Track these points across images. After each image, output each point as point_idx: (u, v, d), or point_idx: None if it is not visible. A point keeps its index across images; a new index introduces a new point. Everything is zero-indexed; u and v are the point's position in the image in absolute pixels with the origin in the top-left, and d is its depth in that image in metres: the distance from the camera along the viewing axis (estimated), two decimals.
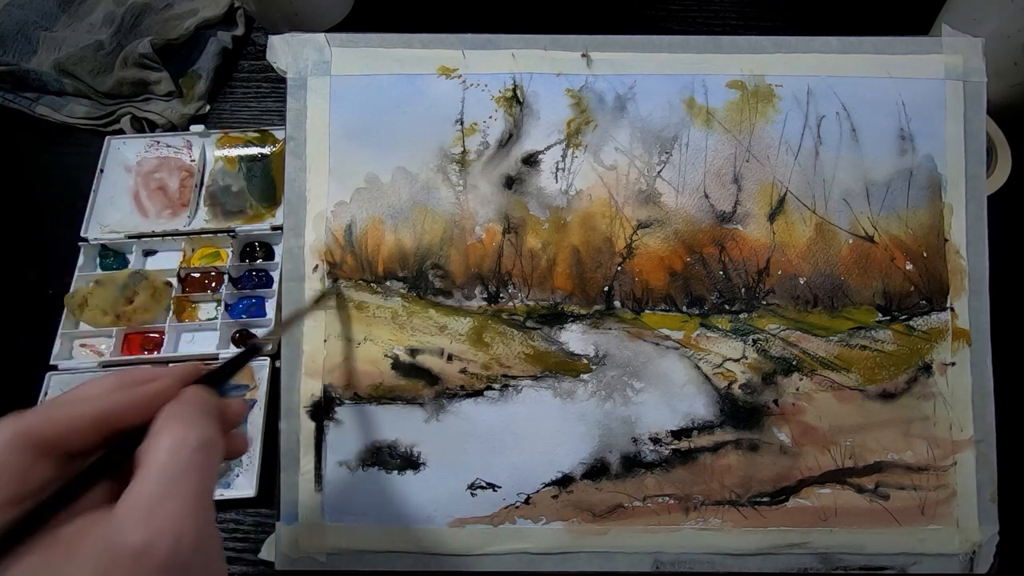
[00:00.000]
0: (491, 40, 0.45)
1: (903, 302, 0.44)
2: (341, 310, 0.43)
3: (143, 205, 0.57)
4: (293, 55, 0.45)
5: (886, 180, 0.44)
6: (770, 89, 0.45)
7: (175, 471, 0.23)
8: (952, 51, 0.44)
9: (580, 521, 0.43)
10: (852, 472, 0.43)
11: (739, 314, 0.44)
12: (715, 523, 0.43)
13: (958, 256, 0.44)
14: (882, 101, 0.44)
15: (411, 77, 0.45)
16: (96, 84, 0.61)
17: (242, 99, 0.64)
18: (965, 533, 0.43)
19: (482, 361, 0.43)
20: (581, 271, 0.44)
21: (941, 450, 0.43)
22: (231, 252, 0.54)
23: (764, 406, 0.43)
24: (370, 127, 0.44)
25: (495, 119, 0.45)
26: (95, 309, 0.51)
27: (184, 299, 0.53)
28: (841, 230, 0.44)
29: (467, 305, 0.44)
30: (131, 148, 0.59)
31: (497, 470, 0.43)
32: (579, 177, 0.44)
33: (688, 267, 0.44)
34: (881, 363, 0.43)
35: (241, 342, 0.52)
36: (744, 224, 0.44)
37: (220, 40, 0.65)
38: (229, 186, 0.57)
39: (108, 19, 0.65)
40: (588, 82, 0.45)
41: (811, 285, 0.44)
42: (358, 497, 0.43)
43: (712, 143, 0.44)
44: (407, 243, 0.44)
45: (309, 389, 0.43)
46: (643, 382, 0.43)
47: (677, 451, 0.43)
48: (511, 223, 0.44)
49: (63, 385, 0.49)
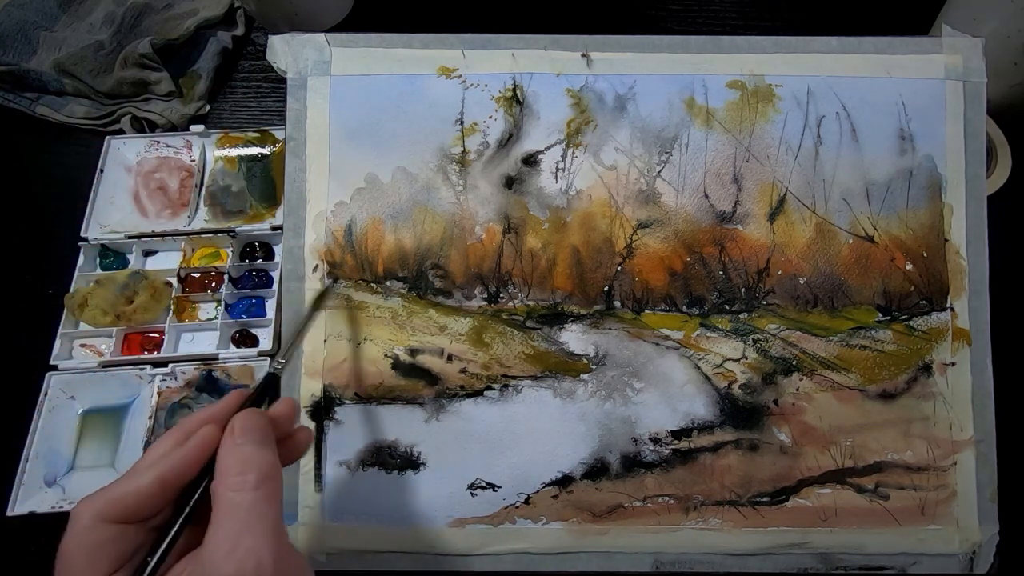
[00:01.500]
0: (491, 40, 0.45)
1: (903, 302, 0.44)
2: (340, 309, 0.43)
3: (143, 205, 0.57)
4: (293, 55, 0.45)
5: (886, 180, 0.44)
6: (770, 89, 0.45)
7: (244, 511, 0.26)
8: (952, 51, 0.44)
9: (580, 521, 0.43)
10: (852, 472, 0.43)
11: (739, 314, 0.44)
12: (715, 523, 0.43)
13: (958, 256, 0.44)
14: (882, 101, 0.44)
15: (411, 77, 0.45)
16: (96, 84, 0.61)
17: (242, 99, 0.64)
18: (965, 533, 0.43)
19: (482, 361, 0.43)
20: (581, 271, 0.44)
21: (941, 450, 0.43)
22: (231, 252, 0.54)
23: (764, 406, 0.43)
24: (370, 127, 0.44)
25: (495, 119, 0.45)
26: (95, 309, 0.51)
27: (184, 299, 0.53)
28: (841, 230, 0.44)
29: (467, 305, 0.44)
30: (131, 148, 0.59)
31: (497, 470, 0.43)
32: (579, 177, 0.44)
33: (688, 267, 0.44)
34: (881, 363, 0.43)
35: (241, 342, 0.52)
36: (744, 224, 0.44)
37: (220, 40, 0.65)
38: (229, 186, 0.57)
39: (108, 19, 0.65)
40: (588, 82, 0.45)
41: (811, 285, 0.44)
42: (358, 497, 0.43)
43: (712, 143, 0.44)
44: (407, 243, 0.44)
45: (309, 389, 0.43)
46: (643, 382, 0.43)
47: (677, 451, 0.43)
48: (511, 223, 0.44)
49: (63, 385, 0.49)
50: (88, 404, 0.50)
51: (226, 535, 0.25)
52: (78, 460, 0.48)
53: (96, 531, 0.26)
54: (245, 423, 0.29)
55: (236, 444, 0.28)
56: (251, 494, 0.26)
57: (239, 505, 0.26)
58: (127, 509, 0.27)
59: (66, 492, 0.47)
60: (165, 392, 0.50)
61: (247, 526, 0.26)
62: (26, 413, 0.48)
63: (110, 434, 0.49)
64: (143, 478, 0.27)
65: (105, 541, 0.26)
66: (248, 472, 0.27)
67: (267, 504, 0.27)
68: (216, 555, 0.25)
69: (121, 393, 0.50)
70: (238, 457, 0.27)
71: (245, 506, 0.26)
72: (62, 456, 0.48)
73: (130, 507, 0.27)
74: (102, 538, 0.26)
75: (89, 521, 0.26)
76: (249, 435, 0.28)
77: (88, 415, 0.50)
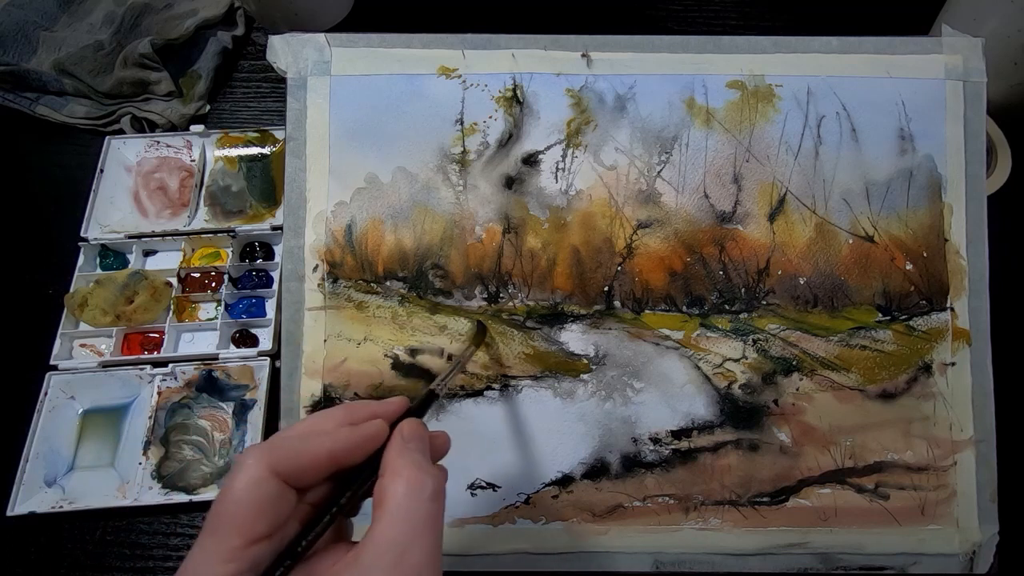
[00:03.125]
0: (491, 40, 0.45)
1: (903, 302, 0.44)
2: (341, 309, 0.43)
3: (143, 205, 0.57)
4: (293, 55, 0.45)
5: (886, 180, 0.44)
6: (770, 89, 0.45)
7: (417, 520, 0.25)
8: (952, 51, 0.44)
9: (580, 521, 0.43)
10: (852, 472, 0.43)
11: (739, 314, 0.44)
12: (715, 523, 0.43)
13: (958, 256, 0.44)
14: (882, 101, 0.44)
15: (411, 77, 0.45)
16: (96, 84, 0.61)
17: (242, 99, 0.64)
18: (965, 533, 0.43)
19: (482, 361, 0.43)
20: (581, 271, 0.44)
21: (941, 450, 0.43)
22: (231, 252, 0.54)
23: (764, 406, 0.43)
24: (370, 127, 0.44)
25: (495, 119, 0.45)
26: (95, 309, 0.51)
27: (184, 299, 0.53)
28: (841, 230, 0.44)
29: (467, 305, 0.44)
30: (131, 148, 0.59)
31: (497, 470, 0.43)
32: (579, 177, 0.44)
33: (688, 267, 0.44)
34: (881, 363, 0.43)
35: (241, 342, 0.52)
36: (744, 224, 0.44)
37: (220, 40, 0.65)
38: (229, 186, 0.57)
39: (108, 19, 0.65)
40: (588, 82, 0.45)
41: (811, 285, 0.44)
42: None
43: (712, 143, 0.44)
44: (407, 243, 0.44)
45: (309, 389, 0.43)
46: (643, 382, 0.43)
47: (677, 451, 0.43)
48: (511, 223, 0.44)
49: (63, 385, 0.49)
50: (88, 404, 0.50)
51: (394, 542, 0.24)
52: (78, 460, 0.48)
53: (267, 484, 0.25)
54: (414, 431, 0.28)
55: (408, 448, 0.27)
56: (426, 505, 0.25)
57: (412, 514, 0.25)
58: (300, 469, 0.25)
59: (66, 492, 0.47)
60: (165, 392, 0.50)
61: (416, 539, 0.24)
62: (26, 413, 0.48)
63: (110, 434, 0.49)
64: (316, 445, 0.26)
65: (272, 497, 0.25)
66: (425, 482, 0.25)
67: (436, 523, 0.25)
68: (379, 561, 0.24)
69: (121, 393, 0.50)
70: (412, 462, 0.26)
71: (419, 517, 0.25)
72: (62, 456, 0.48)
73: (304, 468, 0.25)
74: (270, 494, 0.25)
75: (263, 472, 0.24)
76: (417, 443, 0.27)
77: (88, 415, 0.50)
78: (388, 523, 0.24)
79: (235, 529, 0.24)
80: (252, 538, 0.24)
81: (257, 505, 0.24)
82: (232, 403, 0.50)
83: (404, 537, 0.24)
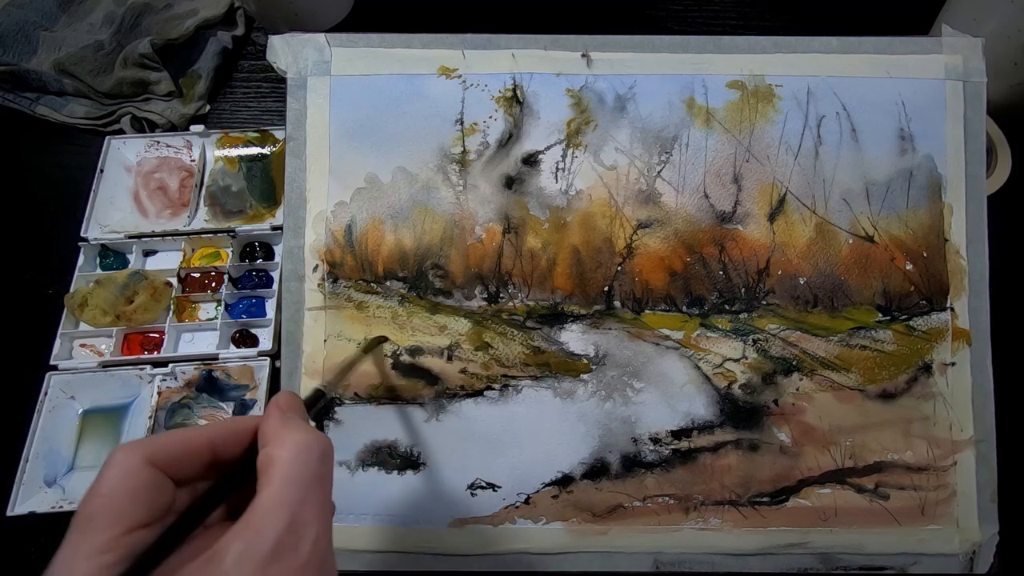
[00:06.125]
0: (491, 40, 0.45)
1: (903, 302, 0.44)
2: (341, 309, 0.43)
3: (143, 205, 0.57)
4: (293, 55, 0.45)
5: (886, 180, 0.44)
6: (770, 89, 0.45)
7: (306, 480, 0.24)
8: (952, 51, 0.44)
9: (580, 521, 0.43)
10: (852, 472, 0.43)
11: (739, 314, 0.44)
12: (715, 523, 0.43)
13: (958, 256, 0.44)
14: (882, 101, 0.44)
15: (411, 77, 0.45)
16: (96, 84, 0.61)
17: (242, 99, 0.64)
18: (965, 533, 0.43)
19: (482, 361, 0.43)
20: (581, 271, 0.44)
21: (941, 450, 0.43)
22: (231, 252, 0.54)
23: (764, 406, 0.43)
24: (370, 127, 0.44)
25: (495, 119, 0.45)
26: (95, 309, 0.51)
27: (184, 299, 0.53)
28: (841, 230, 0.44)
29: (467, 305, 0.44)
30: (131, 148, 0.59)
31: (497, 470, 0.43)
32: (579, 177, 0.44)
33: (688, 267, 0.44)
34: (881, 363, 0.43)
35: (241, 342, 0.52)
36: (744, 224, 0.44)
37: (220, 40, 0.65)
38: (229, 186, 0.57)
39: (108, 19, 0.65)
40: (588, 82, 0.45)
41: (811, 285, 0.44)
42: (358, 497, 0.43)
43: (712, 143, 0.44)
44: (407, 243, 0.44)
45: (309, 389, 0.43)
46: (643, 382, 0.43)
47: (677, 451, 0.43)
48: (511, 223, 0.44)
49: (63, 385, 0.49)
50: (88, 404, 0.50)
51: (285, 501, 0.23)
52: (78, 460, 0.48)
53: (143, 473, 0.24)
54: (290, 401, 0.28)
55: (287, 416, 0.26)
56: (315, 466, 0.24)
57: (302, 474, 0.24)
58: (176, 458, 0.25)
59: (66, 492, 0.47)
60: (165, 392, 0.50)
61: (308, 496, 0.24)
62: (26, 413, 0.48)
63: (110, 434, 0.49)
64: (194, 433, 0.26)
65: (148, 486, 0.24)
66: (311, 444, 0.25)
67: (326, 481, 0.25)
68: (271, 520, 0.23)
69: (121, 393, 0.50)
70: (296, 426, 0.26)
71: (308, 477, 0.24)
72: (62, 456, 0.48)
73: (178, 457, 0.25)
74: (146, 482, 0.24)
75: (136, 462, 0.24)
76: (296, 412, 0.27)
77: (88, 415, 0.50)
78: (277, 486, 0.24)
79: (110, 520, 0.23)
80: (129, 526, 0.23)
81: (131, 494, 0.24)
82: (232, 403, 0.50)
83: (295, 495, 0.23)
